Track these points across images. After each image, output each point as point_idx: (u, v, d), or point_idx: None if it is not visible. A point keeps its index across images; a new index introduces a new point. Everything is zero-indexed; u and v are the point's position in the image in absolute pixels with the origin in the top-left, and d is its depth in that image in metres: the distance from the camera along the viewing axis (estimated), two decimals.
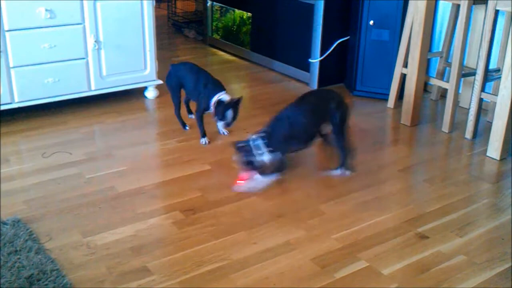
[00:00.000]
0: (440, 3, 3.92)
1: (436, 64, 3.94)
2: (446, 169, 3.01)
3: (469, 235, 2.40)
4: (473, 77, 3.33)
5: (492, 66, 3.50)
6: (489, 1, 3.15)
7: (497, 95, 3.07)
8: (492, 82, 3.54)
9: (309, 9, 4.02)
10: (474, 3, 3.36)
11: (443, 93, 3.85)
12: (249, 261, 2.18)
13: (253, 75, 4.43)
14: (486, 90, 3.33)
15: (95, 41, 3.47)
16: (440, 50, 3.88)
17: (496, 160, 3.08)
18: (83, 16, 3.39)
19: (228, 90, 3.09)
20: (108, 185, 2.70)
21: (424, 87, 3.84)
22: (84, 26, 3.42)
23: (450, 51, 3.80)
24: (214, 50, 5.07)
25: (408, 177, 2.93)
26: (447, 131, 3.43)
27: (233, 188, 2.67)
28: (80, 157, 2.97)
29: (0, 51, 3.19)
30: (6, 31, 3.19)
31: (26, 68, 3.31)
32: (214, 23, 5.14)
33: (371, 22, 3.77)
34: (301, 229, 2.39)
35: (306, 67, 4.17)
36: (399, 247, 2.30)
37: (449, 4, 3.79)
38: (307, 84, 4.18)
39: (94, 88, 3.58)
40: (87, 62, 3.50)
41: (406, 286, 2.07)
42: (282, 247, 2.27)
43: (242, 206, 2.57)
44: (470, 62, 3.70)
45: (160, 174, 2.87)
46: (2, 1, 3.12)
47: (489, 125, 3.26)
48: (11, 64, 3.26)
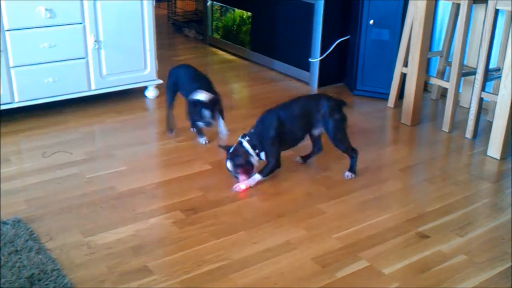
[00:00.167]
0: (440, 3, 3.92)
1: (436, 64, 3.94)
2: (447, 169, 3.01)
3: (470, 235, 2.40)
4: (473, 77, 3.33)
5: (492, 66, 3.50)
6: (489, 1, 3.14)
7: (497, 95, 3.07)
8: (492, 82, 3.54)
9: (309, 9, 4.02)
10: (474, 3, 3.36)
11: (443, 93, 3.85)
12: (250, 261, 2.18)
13: (253, 75, 4.43)
14: (486, 90, 3.33)
15: (95, 41, 3.47)
16: (440, 50, 3.88)
17: (497, 160, 3.08)
18: (83, 16, 3.39)
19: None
20: (109, 185, 2.70)
21: (424, 87, 3.84)
22: (84, 26, 3.42)
23: (450, 51, 3.80)
24: (214, 50, 5.07)
25: (409, 177, 2.93)
26: (448, 131, 3.43)
27: (233, 189, 2.68)
28: (80, 157, 2.97)
29: (0, 51, 3.19)
30: (6, 31, 3.19)
31: (26, 68, 3.31)
32: (214, 23, 5.14)
33: (371, 22, 3.77)
34: (302, 229, 2.39)
35: (306, 67, 4.17)
36: (400, 247, 2.30)
37: (449, 4, 3.79)
38: (307, 84, 4.18)
39: (94, 88, 3.57)
40: (87, 62, 3.50)
41: (407, 286, 2.07)
42: (283, 247, 2.27)
43: (243, 206, 2.57)
44: (470, 62, 3.70)
45: (161, 174, 2.87)
46: (2, 1, 3.12)
47: (490, 125, 3.26)
48: (11, 64, 3.26)
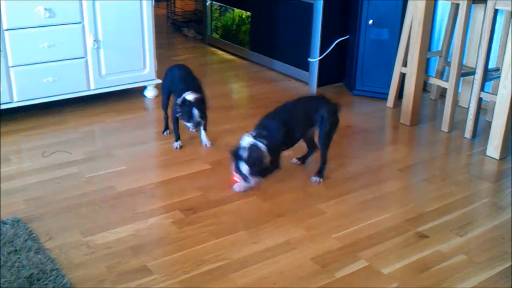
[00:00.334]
0: (440, 2, 3.92)
1: (436, 64, 3.94)
2: (446, 169, 3.01)
3: (469, 234, 2.40)
4: (473, 77, 3.33)
5: (492, 65, 3.50)
6: (488, 0, 3.15)
7: (497, 95, 3.08)
8: (492, 82, 3.54)
9: (309, 8, 4.02)
10: (474, 2, 3.36)
11: (443, 93, 3.86)
12: (249, 261, 2.18)
13: (253, 75, 4.43)
14: (486, 90, 3.33)
15: (94, 40, 3.47)
16: (440, 50, 3.88)
17: (496, 159, 3.08)
18: (82, 15, 3.39)
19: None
20: (108, 185, 2.70)
21: (424, 87, 3.84)
22: (83, 25, 3.42)
23: (450, 51, 3.80)
24: (213, 50, 5.07)
25: (408, 177, 2.93)
26: (447, 131, 3.43)
27: (234, 188, 2.67)
28: (80, 157, 2.97)
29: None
30: (5, 30, 3.18)
31: (25, 68, 3.31)
32: (213, 22, 5.14)
33: (371, 21, 3.77)
34: (301, 229, 2.39)
35: (306, 66, 4.17)
36: (399, 247, 2.30)
37: (449, 3, 3.79)
38: (307, 84, 4.18)
39: (94, 88, 3.57)
40: (86, 61, 3.50)
41: (406, 286, 2.07)
42: (282, 247, 2.27)
43: (242, 206, 2.57)
44: (470, 62, 3.70)
45: (160, 174, 2.87)
46: (1, 0, 3.11)
47: (489, 125, 3.26)
48: (10, 64, 3.25)
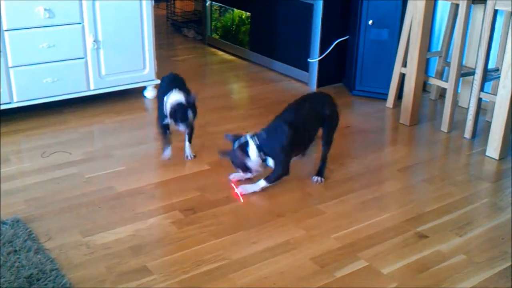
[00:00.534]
0: (439, 3, 3.92)
1: (435, 64, 3.95)
2: (445, 169, 3.01)
3: (469, 235, 2.40)
4: (472, 77, 3.33)
5: (491, 66, 3.50)
6: (488, 1, 3.15)
7: (496, 95, 3.08)
8: (491, 82, 3.54)
9: (308, 9, 4.02)
10: (473, 3, 3.36)
11: (442, 93, 3.86)
12: (249, 261, 2.18)
13: (252, 75, 4.43)
14: (485, 90, 3.33)
15: (94, 41, 3.47)
16: (439, 50, 3.88)
17: (495, 160, 3.08)
18: (82, 16, 3.39)
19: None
20: (108, 185, 2.70)
21: (423, 87, 3.84)
22: (83, 26, 3.42)
23: (449, 51, 3.80)
24: (213, 50, 5.07)
25: (407, 177, 2.93)
26: (446, 131, 3.43)
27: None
28: (79, 157, 2.97)
29: None
30: (5, 31, 3.18)
31: (25, 68, 3.31)
32: (213, 23, 5.14)
33: (370, 22, 3.77)
34: (301, 229, 2.39)
35: (305, 67, 4.17)
36: (399, 247, 2.30)
37: (448, 4, 3.79)
38: (306, 84, 4.18)
39: (93, 88, 3.57)
40: (86, 62, 3.50)
41: (406, 286, 2.07)
42: (282, 247, 2.27)
43: (242, 206, 2.57)
44: (469, 62, 3.70)
45: (159, 174, 2.86)
46: (1, 1, 3.12)
47: (488, 125, 3.26)
48: (10, 64, 3.25)
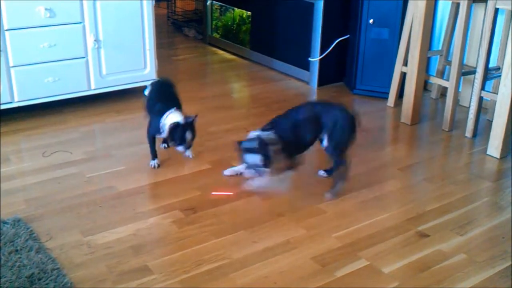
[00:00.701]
0: (440, 2, 3.92)
1: (436, 63, 3.94)
2: (446, 168, 3.01)
3: (470, 234, 2.40)
4: (473, 76, 3.33)
5: (492, 65, 3.50)
6: (489, 0, 3.14)
7: (497, 94, 3.07)
8: (492, 81, 3.54)
9: (309, 8, 4.02)
10: (474, 2, 3.35)
11: (443, 92, 3.85)
12: (249, 260, 2.18)
13: (253, 74, 4.42)
14: (486, 89, 3.33)
15: (95, 40, 3.47)
16: (440, 49, 3.88)
17: (496, 159, 3.08)
18: (83, 15, 3.39)
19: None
20: (108, 185, 2.70)
21: (424, 86, 3.84)
22: (84, 25, 3.42)
23: (450, 50, 3.80)
24: (214, 49, 5.07)
25: (408, 176, 2.93)
26: (447, 130, 3.43)
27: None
28: (80, 156, 2.97)
29: (0, 50, 3.19)
30: (6, 30, 3.18)
31: (26, 68, 3.31)
32: (214, 22, 5.14)
33: (371, 21, 3.77)
34: (301, 228, 2.39)
35: (306, 66, 4.17)
36: (400, 246, 2.30)
37: (449, 3, 3.78)
38: (307, 83, 4.18)
39: (94, 87, 3.57)
40: (87, 61, 3.50)
41: (407, 285, 2.07)
42: (282, 246, 2.27)
43: (242, 205, 2.57)
44: (470, 61, 3.70)
45: (160, 173, 2.86)
46: (2, 0, 3.12)
47: (489, 124, 3.26)
48: (11, 64, 3.25)
